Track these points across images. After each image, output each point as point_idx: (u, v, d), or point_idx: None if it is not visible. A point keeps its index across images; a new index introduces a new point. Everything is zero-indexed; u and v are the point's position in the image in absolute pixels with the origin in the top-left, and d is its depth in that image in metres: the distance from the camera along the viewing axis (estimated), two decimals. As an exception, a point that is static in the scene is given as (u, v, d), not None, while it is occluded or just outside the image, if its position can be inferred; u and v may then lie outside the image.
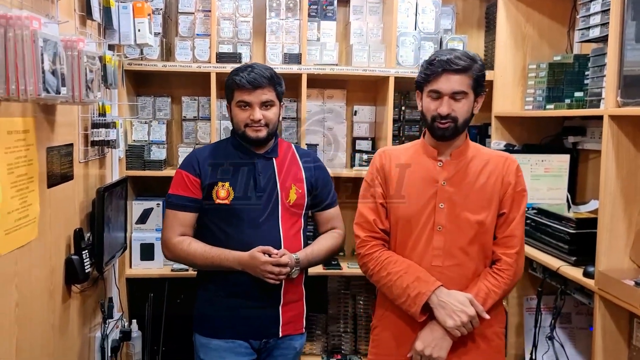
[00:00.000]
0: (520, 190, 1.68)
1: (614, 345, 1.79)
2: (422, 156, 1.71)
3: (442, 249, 1.64)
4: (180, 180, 1.89)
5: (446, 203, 1.65)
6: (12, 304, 1.41)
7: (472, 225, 1.64)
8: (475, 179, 1.67)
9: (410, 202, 1.68)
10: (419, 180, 1.69)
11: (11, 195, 1.39)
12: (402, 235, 1.69)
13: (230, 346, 1.87)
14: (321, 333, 2.93)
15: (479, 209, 1.65)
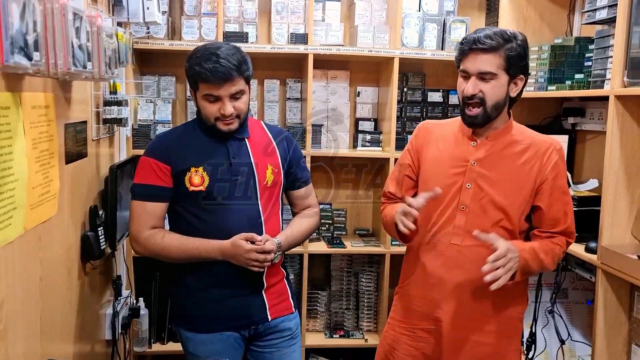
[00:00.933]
0: (560, 184, 1.64)
1: (614, 318, 1.86)
2: (459, 134, 1.70)
3: (462, 228, 1.64)
4: (148, 169, 1.74)
5: (473, 184, 1.64)
6: (37, 278, 1.43)
7: (497, 210, 1.62)
8: (510, 164, 1.63)
9: (438, 179, 1.68)
10: (450, 158, 1.69)
11: (35, 170, 1.40)
12: (426, 209, 1.67)
13: (219, 338, 1.80)
14: (324, 310, 2.99)
15: (507, 194, 1.62)
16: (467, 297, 1.66)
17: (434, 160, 1.72)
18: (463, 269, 1.65)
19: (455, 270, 1.66)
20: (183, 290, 1.82)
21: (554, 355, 2.25)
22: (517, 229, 1.65)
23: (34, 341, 1.41)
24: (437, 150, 1.72)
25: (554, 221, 1.64)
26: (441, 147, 1.72)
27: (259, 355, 1.89)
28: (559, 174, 1.63)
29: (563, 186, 1.65)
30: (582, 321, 2.37)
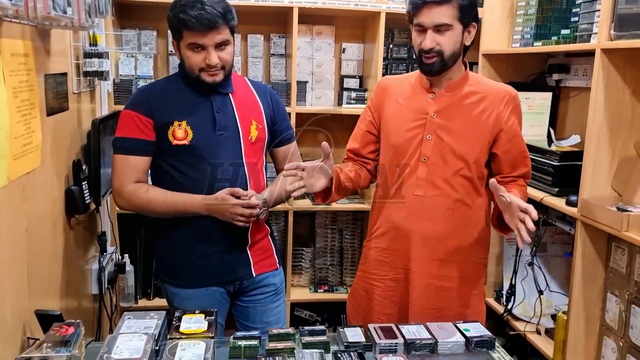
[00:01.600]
0: (517, 131, 1.69)
1: (592, 268, 1.92)
2: (417, 86, 1.73)
3: (424, 180, 1.69)
4: (130, 122, 1.71)
5: (433, 135, 1.68)
6: (22, 230, 1.42)
7: (458, 159, 1.67)
8: (468, 114, 1.67)
9: (399, 132, 1.72)
10: (409, 111, 1.72)
11: (17, 120, 1.37)
12: (390, 164, 1.76)
13: (204, 293, 1.81)
14: (308, 266, 3.03)
15: (467, 143, 1.67)
16: (432, 245, 1.72)
17: (394, 114, 1.75)
18: (427, 219, 1.70)
19: (420, 220, 1.71)
20: (168, 245, 1.82)
21: (532, 305, 2.33)
22: (476, 176, 1.70)
23: (22, 293, 1.41)
24: (396, 104, 1.75)
25: (514, 165, 1.71)
26: (401, 101, 1.74)
27: (244, 310, 1.91)
28: (515, 121, 1.69)
29: (520, 132, 1.72)
30: (560, 273, 2.45)
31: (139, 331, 1.36)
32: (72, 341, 1.30)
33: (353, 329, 1.59)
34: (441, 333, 1.56)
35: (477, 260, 1.78)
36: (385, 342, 1.50)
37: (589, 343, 1.96)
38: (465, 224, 1.73)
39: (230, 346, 1.47)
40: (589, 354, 1.97)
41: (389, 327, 1.59)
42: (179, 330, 1.43)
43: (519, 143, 1.71)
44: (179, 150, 1.72)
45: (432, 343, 1.52)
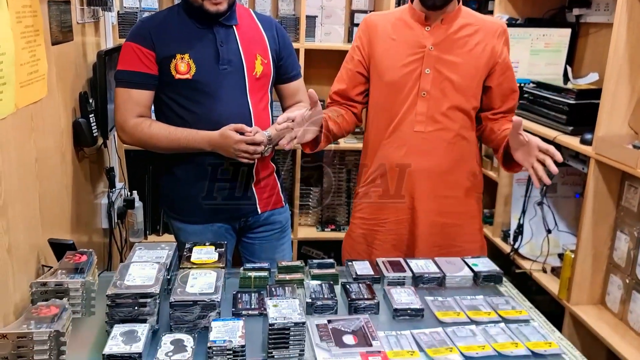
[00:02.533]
0: (509, 63, 1.70)
1: (603, 207, 1.91)
2: (410, 20, 1.67)
3: (425, 115, 1.66)
4: (132, 54, 1.66)
5: (432, 69, 1.64)
6: (32, 159, 1.42)
7: (457, 92, 1.65)
8: (464, 46, 1.65)
9: (395, 68, 1.67)
10: (405, 46, 1.67)
11: (22, 47, 1.33)
12: (386, 101, 1.71)
13: (210, 229, 1.82)
14: (316, 205, 3.05)
15: (465, 75, 1.65)
16: (435, 181, 1.71)
17: (386, 51, 1.69)
18: (429, 155, 1.69)
19: (422, 157, 1.69)
20: (173, 182, 1.82)
21: (539, 245, 2.34)
22: (472, 109, 1.70)
23: (35, 221, 1.42)
24: (389, 40, 1.69)
25: (504, 99, 1.71)
26: (394, 37, 1.68)
27: (250, 247, 1.93)
28: (507, 54, 1.70)
29: (511, 66, 1.72)
30: (569, 214, 2.44)
31: (151, 260, 1.38)
32: (85, 268, 1.32)
33: (362, 262, 1.61)
34: (449, 267, 1.58)
35: (476, 195, 1.78)
36: (393, 274, 1.52)
37: (595, 280, 1.98)
38: (464, 158, 1.72)
39: (240, 277, 1.49)
40: (594, 291, 1.99)
41: (397, 261, 1.60)
42: (190, 260, 1.45)
43: (511, 76, 1.71)
44: (182, 85, 1.68)
45: (440, 277, 1.53)
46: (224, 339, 1.13)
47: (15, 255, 1.26)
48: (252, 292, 1.42)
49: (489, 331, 1.29)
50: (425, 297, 1.45)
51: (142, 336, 1.14)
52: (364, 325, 1.27)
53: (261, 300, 1.37)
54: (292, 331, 1.13)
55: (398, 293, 1.42)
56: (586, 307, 1.97)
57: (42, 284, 1.23)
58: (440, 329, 1.30)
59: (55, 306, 1.15)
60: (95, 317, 1.29)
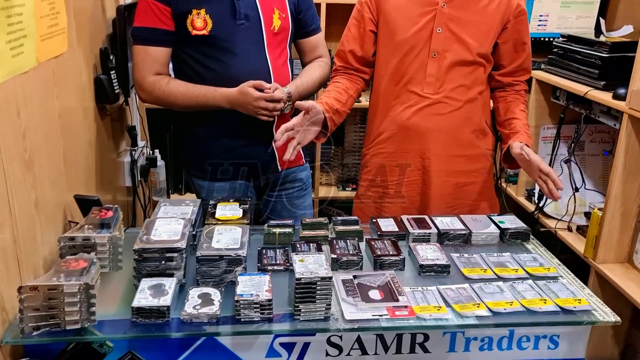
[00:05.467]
0: (525, 14, 1.65)
1: (634, 164, 1.85)
2: None
3: (434, 76, 1.62)
4: (147, 10, 1.63)
5: (444, 27, 1.59)
6: (55, 114, 1.41)
7: (468, 52, 1.61)
8: (477, 3, 1.60)
9: (405, 26, 1.62)
10: (417, 3, 1.61)
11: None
12: (396, 61, 1.66)
13: (231, 186, 1.82)
14: (337, 165, 3.02)
15: (478, 34, 1.60)
16: (445, 141, 1.69)
17: (397, 7, 1.63)
18: (439, 114, 1.66)
19: (432, 116, 1.66)
20: (194, 139, 1.81)
21: (564, 204, 2.29)
22: (484, 67, 1.68)
23: (60, 176, 1.42)
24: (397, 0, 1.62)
25: (513, 54, 1.68)
26: None
27: (272, 205, 1.93)
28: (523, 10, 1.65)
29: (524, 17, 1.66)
30: (596, 172, 2.39)
31: (176, 216, 1.38)
32: (112, 223, 1.33)
33: (386, 219, 1.59)
34: (475, 224, 1.56)
35: (487, 152, 1.77)
36: (419, 231, 1.50)
37: (622, 239, 1.94)
38: (473, 117, 1.70)
39: (264, 233, 1.49)
40: (621, 249, 1.95)
41: (422, 218, 1.59)
42: (215, 216, 1.45)
43: (523, 29, 1.67)
44: (199, 41, 1.65)
45: (466, 234, 1.52)
46: (251, 292, 1.14)
47: (43, 210, 1.27)
48: (277, 248, 1.42)
49: (516, 287, 1.28)
50: (451, 253, 1.44)
51: (170, 290, 1.16)
52: (389, 280, 1.26)
53: (286, 256, 1.38)
54: (318, 285, 1.13)
55: (423, 249, 1.41)
56: (613, 266, 1.95)
57: (69, 239, 1.24)
58: (467, 285, 1.29)
59: (83, 260, 1.16)
60: (123, 272, 1.30)
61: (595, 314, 1.21)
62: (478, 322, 1.17)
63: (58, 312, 1.06)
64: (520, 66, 1.71)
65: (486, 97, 1.74)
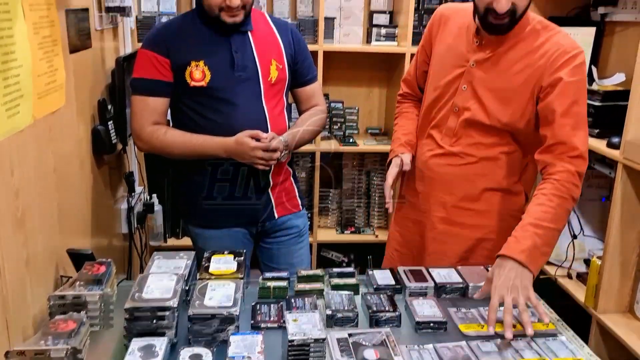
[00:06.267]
0: (565, 82, 1.43)
1: (631, 212, 1.85)
2: (466, 27, 1.56)
3: (452, 131, 1.62)
4: (147, 61, 1.66)
5: (469, 86, 1.56)
6: (50, 169, 1.41)
7: (487, 116, 1.55)
8: (510, 67, 1.50)
9: (440, 75, 1.63)
10: (453, 55, 1.59)
11: (39, 57, 1.33)
12: (428, 104, 1.68)
13: (227, 234, 1.82)
14: (335, 208, 3.02)
15: (500, 100, 1.53)
16: (453, 191, 1.65)
17: (441, 54, 1.64)
18: (451, 166, 1.64)
19: (445, 167, 1.65)
20: (190, 187, 1.81)
21: (564, 249, 2.28)
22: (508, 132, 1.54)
23: (53, 232, 1.42)
24: (446, 43, 1.63)
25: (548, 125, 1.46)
26: (450, 41, 1.62)
27: (268, 252, 1.92)
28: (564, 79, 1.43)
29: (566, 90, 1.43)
30: (594, 217, 2.38)
31: (169, 271, 1.36)
32: (104, 280, 1.32)
33: (382, 272, 1.57)
34: (472, 276, 1.54)
35: (514, 212, 1.60)
36: (415, 285, 1.48)
37: (623, 288, 1.92)
38: (493, 174, 1.62)
39: (259, 287, 1.47)
40: (622, 298, 1.93)
41: (419, 270, 1.57)
42: (209, 270, 1.43)
43: (559, 101, 1.43)
44: (197, 92, 1.68)
45: (463, 287, 1.50)
46: (243, 354, 1.11)
47: (34, 267, 1.26)
48: (272, 303, 1.40)
49: (514, 345, 1.25)
50: (448, 308, 1.41)
51: (160, 351, 1.13)
52: (385, 339, 1.24)
53: (280, 312, 1.35)
54: (312, 347, 1.11)
55: (420, 304, 1.39)
56: (614, 316, 1.92)
57: (59, 297, 1.23)
58: (463, 342, 1.26)
59: (73, 320, 1.14)
60: (114, 330, 1.28)
61: (595, 375, 1.18)
62: (475, 384, 1.14)
63: (45, 377, 1.04)
64: (555, 140, 1.45)
65: (517, 158, 1.60)
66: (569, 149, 1.43)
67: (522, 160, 1.61)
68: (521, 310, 1.28)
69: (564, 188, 1.41)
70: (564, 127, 1.43)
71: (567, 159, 1.43)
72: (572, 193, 1.42)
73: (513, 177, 1.62)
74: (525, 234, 1.37)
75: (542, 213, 1.39)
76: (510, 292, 1.30)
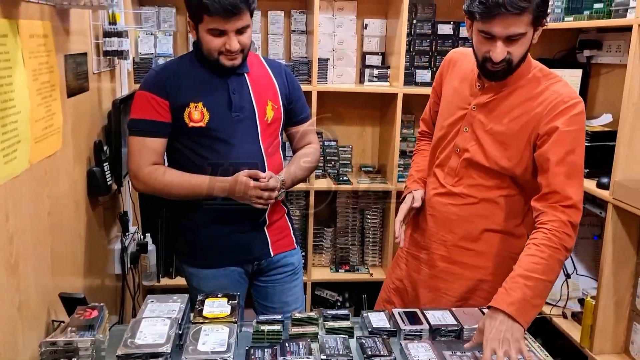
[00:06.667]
0: (561, 131, 1.42)
1: (623, 253, 1.87)
2: (470, 71, 1.60)
3: (454, 170, 1.64)
4: (145, 103, 1.67)
5: (470, 128, 1.59)
6: (45, 213, 1.42)
7: (486, 159, 1.56)
8: (509, 113, 1.51)
9: (445, 116, 1.66)
10: (458, 98, 1.63)
11: (37, 103, 1.35)
12: (435, 142, 1.72)
13: (222, 273, 1.81)
14: (329, 246, 3.01)
15: (499, 144, 1.53)
16: (453, 230, 1.65)
17: (448, 96, 1.68)
18: (452, 206, 1.65)
19: (446, 206, 1.66)
20: (186, 226, 1.82)
21: (557, 289, 2.28)
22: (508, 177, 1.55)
23: (46, 275, 1.41)
24: (453, 86, 1.67)
25: (544, 174, 1.45)
26: (456, 84, 1.66)
27: (262, 290, 1.91)
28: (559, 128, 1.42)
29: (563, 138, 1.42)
30: (587, 256, 2.39)
31: (162, 315, 1.36)
32: (96, 325, 1.31)
33: (377, 314, 1.57)
34: (467, 318, 1.54)
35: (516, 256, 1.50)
36: (410, 327, 1.48)
37: (618, 328, 1.92)
38: (494, 216, 1.61)
39: (253, 331, 1.46)
40: (617, 339, 1.93)
41: (414, 312, 1.56)
42: (202, 314, 1.42)
43: (554, 149, 1.43)
44: (195, 132, 1.70)
45: (458, 329, 1.49)
46: (236, 402, 1.10)
47: (26, 312, 1.25)
48: (266, 347, 1.39)
49: (510, 390, 1.24)
50: (443, 351, 1.40)
51: (153, 398, 1.12)
52: (380, 384, 1.23)
53: (275, 356, 1.34)
54: (306, 395, 1.10)
55: (415, 348, 1.38)
56: (610, 357, 1.91)
57: (51, 344, 1.21)
58: (459, 387, 1.26)
59: (65, 368, 1.13)
60: (106, 376, 1.26)
61: (591, 420, 1.17)
62: None
63: None
64: (549, 189, 1.43)
65: (518, 202, 1.59)
66: (562, 198, 1.42)
67: (524, 203, 1.59)
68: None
69: (555, 238, 1.40)
70: (558, 176, 1.43)
71: (561, 208, 1.42)
72: (565, 243, 1.41)
73: (515, 219, 1.61)
74: (514, 286, 1.37)
75: (533, 264, 1.38)
76: (502, 346, 1.29)
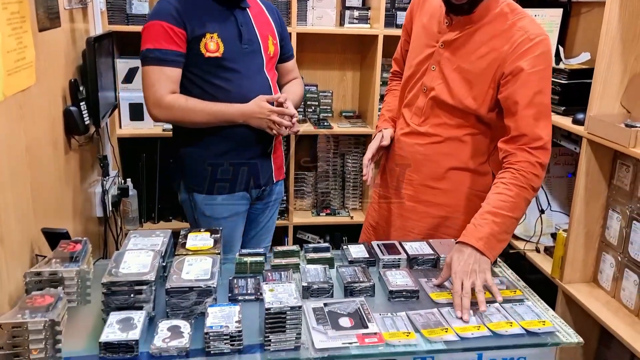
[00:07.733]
0: (527, 73, 1.42)
1: (595, 186, 1.92)
2: (439, 8, 1.57)
3: (421, 110, 1.65)
4: (162, 32, 1.69)
5: (437, 66, 1.58)
6: (22, 148, 1.40)
7: (452, 98, 1.56)
8: (475, 50, 1.50)
9: (414, 53, 1.66)
10: (426, 35, 1.62)
11: (8, 34, 1.31)
12: (404, 82, 1.72)
13: (233, 198, 1.90)
14: (310, 190, 3.05)
15: (464, 83, 1.53)
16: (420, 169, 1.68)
17: (417, 34, 1.67)
18: (418, 145, 1.66)
19: (413, 146, 1.68)
20: (196, 153, 1.86)
21: (532, 225, 2.35)
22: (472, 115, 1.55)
23: (27, 211, 1.41)
24: (422, 23, 1.65)
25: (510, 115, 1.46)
26: (425, 22, 1.64)
27: (251, 215, 2.02)
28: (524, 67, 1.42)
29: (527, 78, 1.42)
30: (561, 193, 2.46)
31: (146, 248, 1.37)
32: (80, 257, 1.32)
33: (357, 246, 1.61)
34: (443, 248, 1.59)
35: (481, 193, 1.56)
36: (388, 257, 1.52)
37: (587, 259, 2.00)
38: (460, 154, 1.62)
39: (236, 262, 1.49)
40: (587, 269, 2.01)
41: (392, 244, 1.61)
42: (185, 247, 1.45)
43: (520, 91, 1.43)
44: (211, 63, 1.75)
45: (434, 258, 1.54)
46: (221, 324, 1.14)
47: (8, 245, 1.25)
48: (249, 277, 1.42)
49: (483, 311, 1.30)
50: (419, 278, 1.46)
51: (139, 323, 1.15)
52: (359, 307, 1.27)
53: (257, 285, 1.38)
54: (288, 315, 1.14)
55: (393, 275, 1.43)
56: (579, 285, 2.00)
57: (36, 274, 1.23)
58: (435, 309, 1.31)
59: (50, 295, 1.15)
60: (92, 306, 1.29)
61: (559, 335, 1.24)
62: (446, 347, 1.18)
63: (23, 350, 1.04)
64: (518, 132, 1.45)
65: (484, 140, 1.61)
66: (531, 140, 1.44)
67: (489, 142, 1.61)
68: (477, 290, 1.32)
69: (523, 178, 1.43)
70: (527, 119, 1.43)
71: (529, 149, 1.44)
72: (532, 183, 1.44)
73: (480, 157, 1.63)
74: (483, 222, 1.41)
75: (501, 202, 1.42)
76: (470, 277, 1.34)
